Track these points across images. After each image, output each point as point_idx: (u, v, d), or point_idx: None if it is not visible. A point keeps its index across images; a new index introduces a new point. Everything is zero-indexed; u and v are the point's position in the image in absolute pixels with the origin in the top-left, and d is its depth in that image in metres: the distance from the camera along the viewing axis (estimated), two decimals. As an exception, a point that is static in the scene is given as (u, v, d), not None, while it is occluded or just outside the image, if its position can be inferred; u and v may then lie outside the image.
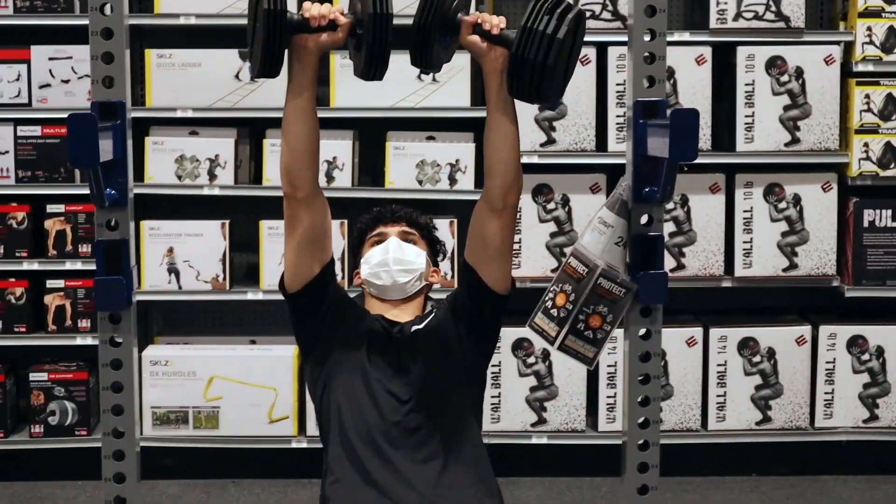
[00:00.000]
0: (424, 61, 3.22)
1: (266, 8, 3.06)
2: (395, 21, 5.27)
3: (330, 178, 5.53)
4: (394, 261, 3.54)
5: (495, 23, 3.15)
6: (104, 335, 3.26)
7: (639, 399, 3.39)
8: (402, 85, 5.48)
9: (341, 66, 5.46)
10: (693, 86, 5.48)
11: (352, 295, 3.72)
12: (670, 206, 5.40)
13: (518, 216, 5.41)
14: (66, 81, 5.54)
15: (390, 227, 3.66)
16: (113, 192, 3.18)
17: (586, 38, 5.43)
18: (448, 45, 3.24)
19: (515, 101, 3.25)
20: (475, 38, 3.17)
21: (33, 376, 5.58)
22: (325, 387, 3.45)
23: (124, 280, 3.20)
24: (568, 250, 4.64)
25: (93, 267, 3.55)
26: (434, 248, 3.73)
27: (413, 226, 3.69)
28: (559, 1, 3.05)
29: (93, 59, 3.18)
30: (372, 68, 3.19)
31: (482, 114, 5.41)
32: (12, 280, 5.62)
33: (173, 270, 5.54)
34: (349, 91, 5.48)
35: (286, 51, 3.18)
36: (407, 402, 3.39)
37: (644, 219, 3.28)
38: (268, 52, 3.09)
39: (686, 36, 5.50)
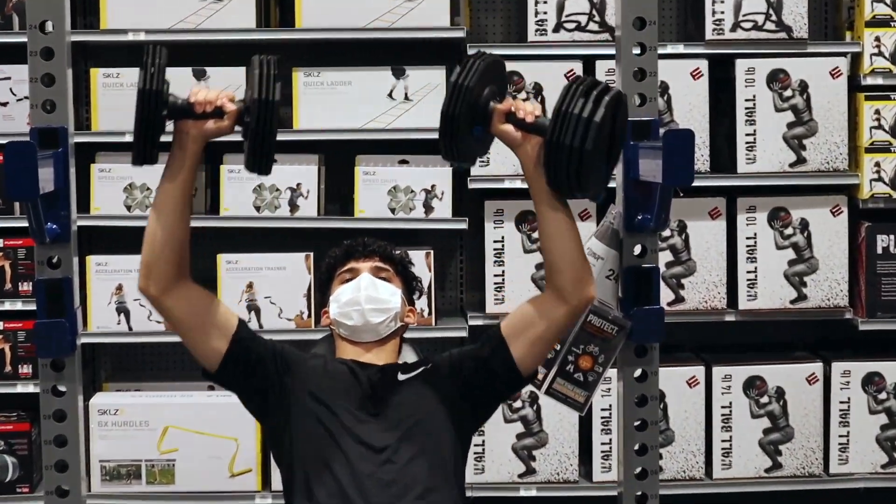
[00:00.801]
0: (456, 154, 3.19)
1: (140, 88, 3.05)
2: (375, 35, 5.30)
3: (293, 206, 5.53)
4: (366, 299, 3.52)
5: (529, 110, 3.16)
6: (46, 384, 3.26)
7: (636, 447, 3.40)
8: (372, 104, 5.48)
9: (305, 83, 5.47)
10: (689, 102, 5.50)
11: (317, 336, 3.71)
12: (666, 233, 5.40)
13: (501, 246, 5.45)
14: (4, 104, 5.53)
15: (362, 263, 3.64)
16: (55, 226, 3.18)
17: (572, 52, 5.50)
18: (481, 134, 3.21)
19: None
20: (508, 127, 3.17)
21: (-31, 428, 5.56)
22: (289, 445, 3.42)
23: (67, 323, 3.19)
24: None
25: (34, 307, 3.53)
26: (410, 286, 3.71)
27: (387, 261, 3.67)
28: (595, 82, 3.04)
29: (32, 81, 3.18)
30: (256, 159, 3.16)
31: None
32: (-54, 323, 5.61)
33: (122, 310, 5.53)
34: (314, 111, 5.49)
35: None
36: (381, 451, 3.37)
37: (637, 249, 3.30)
38: (140, 135, 3.07)
39: (680, 48, 5.52)
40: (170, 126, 3.16)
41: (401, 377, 3.45)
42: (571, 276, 3.24)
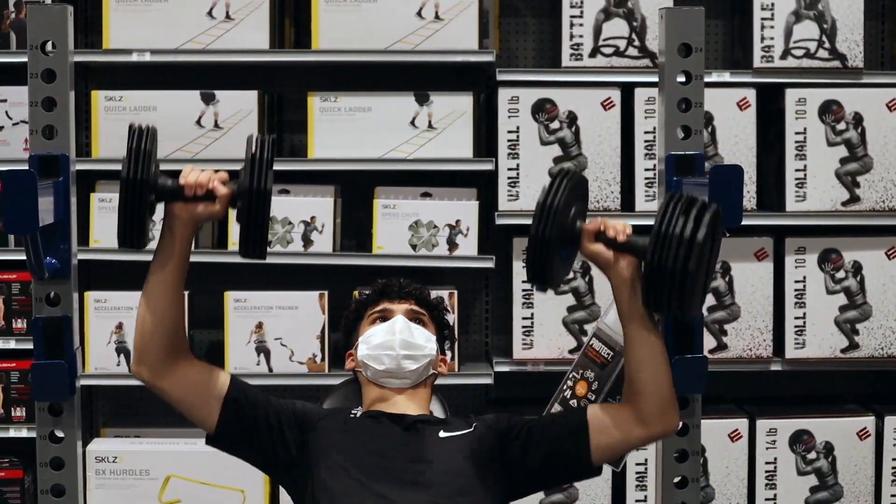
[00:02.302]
0: (545, 278, 3.18)
1: (124, 176, 3.05)
2: (397, 58, 5.33)
3: (307, 241, 5.54)
4: (400, 343, 3.50)
5: (620, 229, 3.19)
6: (43, 430, 3.26)
7: (675, 505, 3.39)
8: (393, 132, 5.49)
9: (321, 109, 5.48)
10: (735, 135, 5.51)
11: (334, 382, 3.70)
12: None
13: (531, 287, 5.45)
14: (0, 128, 5.56)
15: (397, 304, 3.63)
16: (54, 260, 3.19)
17: (610, 79, 5.51)
18: (568, 256, 3.24)
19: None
20: (599, 247, 3.19)
21: (-41, 475, 5.58)
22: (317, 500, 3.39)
23: (67, 365, 3.20)
24: (589, 329, 4.66)
25: (29, 346, 3.54)
26: (443, 333, 3.70)
27: (423, 305, 3.67)
28: (692, 199, 3.05)
29: (32, 105, 3.20)
30: (249, 246, 3.19)
31: (487, 167, 5.48)
32: (-66, 361, 5.63)
33: (122, 350, 5.54)
34: (331, 139, 5.50)
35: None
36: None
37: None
38: (125, 221, 3.09)
39: (726, 76, 5.53)
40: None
41: (442, 435, 3.43)
42: (658, 404, 3.24)
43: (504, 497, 3.41)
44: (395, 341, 3.51)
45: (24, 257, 3.16)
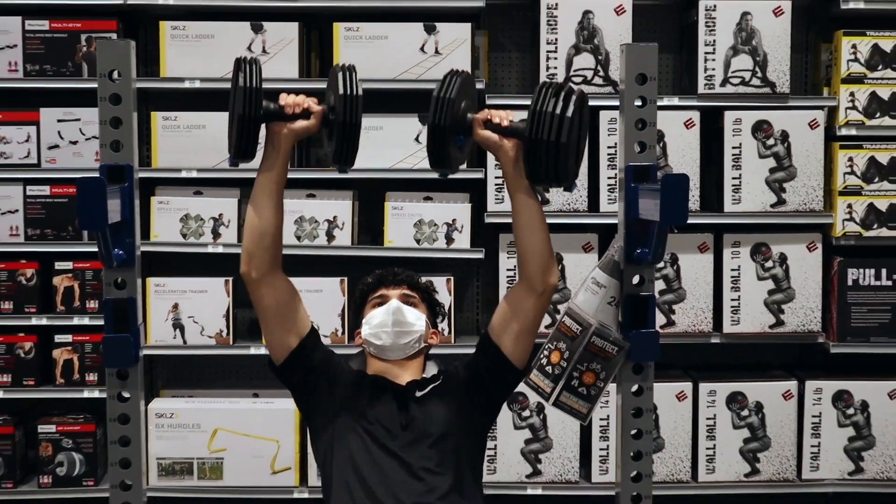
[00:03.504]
0: (442, 161, 3.22)
1: (241, 85, 3.10)
2: (403, 86, 5.31)
3: (330, 236, 5.54)
4: (394, 322, 3.54)
5: (504, 115, 3.23)
6: (112, 391, 3.26)
7: (631, 453, 3.38)
8: (400, 147, 5.49)
9: (342, 128, 5.47)
10: (682, 149, 5.50)
11: (353, 351, 3.70)
12: (660, 265, 5.39)
13: (513, 274, 5.44)
14: (75, 143, 5.55)
15: (392, 290, 3.66)
16: (121, 252, 3.18)
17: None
18: (462, 144, 3.26)
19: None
20: (488, 132, 3.22)
21: (42, 428, 5.56)
22: (329, 446, 3.43)
23: (131, 338, 3.19)
24: (562, 308, 4.64)
25: (100, 322, 3.55)
26: (433, 311, 3.74)
27: (414, 289, 3.70)
28: (561, 85, 3.09)
29: (101, 123, 3.19)
30: (343, 151, 3.19)
31: (478, 175, 5.48)
32: (21, 335, 5.61)
33: (178, 325, 5.54)
34: (349, 152, 5.48)
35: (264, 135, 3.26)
36: (410, 462, 3.37)
37: (636, 279, 3.29)
38: (242, 132, 3.13)
39: (675, 101, 5.52)
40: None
41: (418, 394, 3.46)
42: (540, 264, 3.31)
43: (477, 425, 3.47)
44: (389, 321, 3.56)
45: (96, 249, 3.15)
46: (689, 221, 3.12)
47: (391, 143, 5.49)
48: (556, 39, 5.46)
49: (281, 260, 3.37)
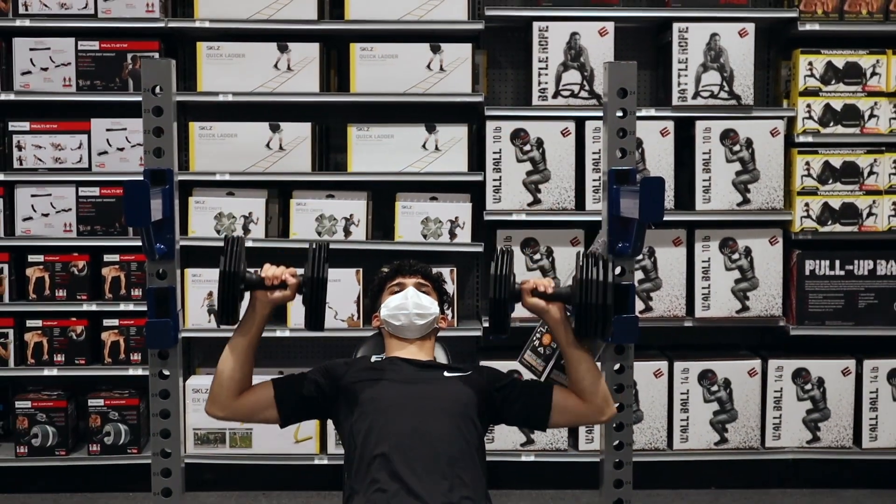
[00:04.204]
0: (500, 328, 3.25)
1: (222, 270, 3.15)
2: (412, 99, 5.30)
3: (347, 232, 5.53)
4: (413, 305, 3.54)
5: (547, 284, 3.25)
6: (154, 369, 3.26)
7: (614, 425, 3.39)
8: (408, 153, 5.48)
9: (357, 136, 5.47)
10: (658, 154, 5.49)
11: (367, 334, 3.68)
12: (639, 257, 5.39)
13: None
14: (121, 149, 5.54)
15: (408, 279, 3.66)
16: (162, 246, 3.19)
17: (567, 114, 5.50)
18: (512, 309, 3.27)
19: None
20: (535, 300, 3.25)
21: (91, 402, 5.56)
22: (350, 423, 3.34)
23: (171, 322, 3.20)
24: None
25: (143, 308, 3.55)
26: (442, 298, 3.73)
27: (427, 278, 3.70)
28: (598, 256, 3.12)
29: (145, 132, 3.19)
30: (311, 320, 3.26)
31: (478, 178, 5.48)
32: (74, 319, 5.62)
33: (212, 311, 5.53)
34: (364, 158, 5.49)
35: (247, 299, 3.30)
36: (425, 428, 3.29)
37: (618, 270, 3.29)
38: (223, 303, 3.18)
39: (652, 112, 5.51)
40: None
41: (446, 374, 3.43)
42: (601, 399, 3.28)
43: (485, 421, 3.42)
44: (408, 304, 3.55)
45: (140, 244, 3.17)
46: (664, 219, 3.11)
47: (401, 150, 5.49)
48: (547, 58, 5.46)
49: (249, 386, 3.37)
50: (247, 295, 3.30)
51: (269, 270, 3.27)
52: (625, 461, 3.39)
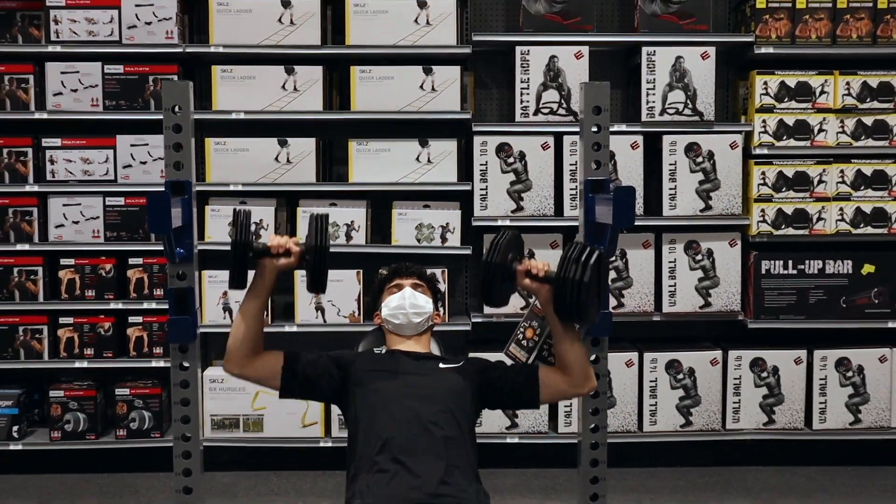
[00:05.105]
0: (494, 300, 3.24)
1: (233, 240, 3.12)
2: (407, 116, 5.29)
3: (348, 237, 5.52)
4: (410, 305, 3.54)
5: (541, 267, 3.23)
6: (175, 361, 3.26)
7: (590, 409, 3.39)
8: (404, 165, 5.47)
9: (357, 150, 5.46)
10: (629, 166, 5.49)
11: (367, 329, 3.67)
12: (612, 258, 5.39)
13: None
14: (144, 163, 5.53)
15: (405, 280, 3.65)
16: (182, 250, 3.19)
17: (547, 129, 5.49)
18: (508, 287, 3.25)
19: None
20: (527, 281, 3.24)
21: (118, 391, 5.55)
22: (354, 407, 3.34)
23: (190, 319, 3.19)
24: (533, 293, 4.63)
25: (165, 306, 3.54)
26: (436, 297, 3.72)
27: (422, 279, 3.69)
28: (584, 245, 3.08)
29: (166, 147, 3.19)
30: (314, 283, 3.23)
31: (467, 187, 5.47)
32: (102, 317, 5.60)
33: (227, 309, 5.52)
34: (364, 169, 5.48)
35: (254, 266, 3.26)
36: (421, 412, 3.28)
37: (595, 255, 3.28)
38: (234, 269, 3.14)
39: (623, 127, 5.50)
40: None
41: (441, 366, 3.43)
42: (582, 374, 3.27)
43: (477, 407, 3.42)
44: (406, 304, 3.55)
45: (161, 248, 3.16)
46: (635, 224, 3.11)
47: (397, 162, 5.48)
48: (528, 79, 5.45)
49: (260, 349, 3.33)
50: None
51: (274, 240, 3.23)
52: (600, 442, 3.39)
